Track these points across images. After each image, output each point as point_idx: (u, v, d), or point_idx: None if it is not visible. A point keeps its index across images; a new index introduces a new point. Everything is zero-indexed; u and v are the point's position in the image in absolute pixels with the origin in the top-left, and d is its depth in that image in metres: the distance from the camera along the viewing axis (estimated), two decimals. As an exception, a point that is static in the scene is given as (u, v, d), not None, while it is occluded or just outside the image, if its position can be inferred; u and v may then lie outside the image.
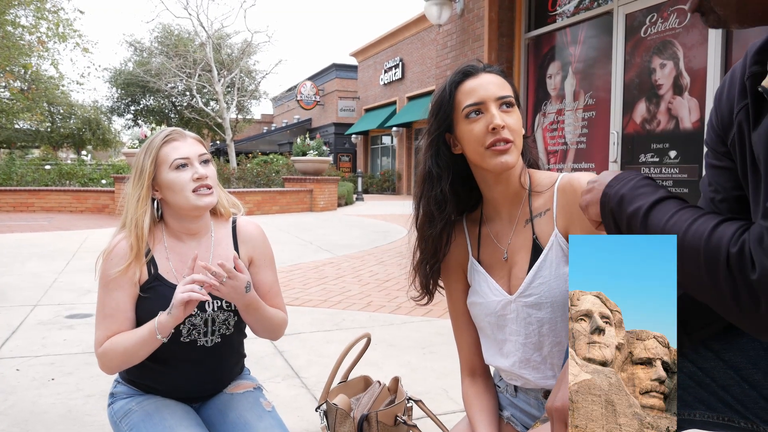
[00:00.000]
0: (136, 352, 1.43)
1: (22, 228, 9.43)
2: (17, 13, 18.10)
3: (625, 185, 0.95)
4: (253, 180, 14.86)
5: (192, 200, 1.48)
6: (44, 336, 3.46)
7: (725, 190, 0.94)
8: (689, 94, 4.63)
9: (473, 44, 6.74)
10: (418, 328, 3.69)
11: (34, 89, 21.45)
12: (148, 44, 27.03)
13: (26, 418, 2.33)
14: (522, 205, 1.31)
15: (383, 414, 1.48)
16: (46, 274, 5.46)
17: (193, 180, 1.48)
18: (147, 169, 1.48)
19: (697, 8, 0.81)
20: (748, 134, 0.84)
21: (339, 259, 6.51)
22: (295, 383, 2.74)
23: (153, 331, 1.39)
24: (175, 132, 1.53)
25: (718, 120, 0.95)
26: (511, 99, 1.25)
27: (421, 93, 23.03)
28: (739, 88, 0.88)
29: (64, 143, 29.28)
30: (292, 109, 34.37)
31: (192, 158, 1.50)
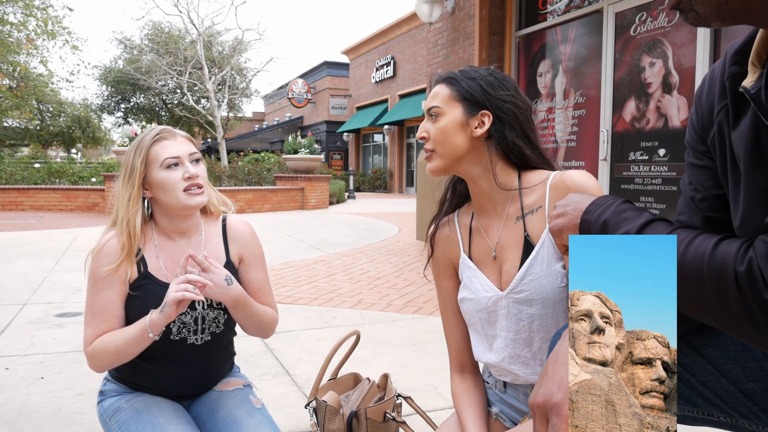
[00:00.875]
0: (126, 350, 1.43)
1: (11, 227, 9.36)
2: (5, 9, 17.93)
3: (607, 210, 0.94)
4: (244, 178, 14.83)
5: (183, 199, 1.48)
6: (33, 335, 3.44)
7: (705, 188, 0.95)
8: (678, 92, 4.66)
9: (464, 42, 6.76)
10: (408, 325, 3.70)
11: (23, 87, 21.29)
12: (138, 42, 26.86)
13: (15, 418, 2.32)
14: (511, 203, 1.32)
15: (372, 411, 1.48)
16: (35, 273, 5.43)
17: (184, 179, 1.47)
18: (137, 168, 1.47)
19: (675, 5, 0.81)
20: (728, 133, 0.85)
21: (330, 257, 6.51)
22: (285, 381, 2.74)
23: (144, 329, 1.39)
24: (165, 131, 1.52)
25: (698, 119, 0.96)
26: (435, 110, 1.33)
27: (412, 91, 23.04)
28: (719, 88, 0.89)
29: (54, 141, 29.10)
30: (284, 107, 34.30)
31: (183, 157, 1.49)
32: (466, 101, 1.30)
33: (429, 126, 1.33)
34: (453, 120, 1.30)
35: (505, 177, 1.32)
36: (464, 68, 1.36)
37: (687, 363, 1.03)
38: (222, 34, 24.92)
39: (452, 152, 1.31)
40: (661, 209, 4.82)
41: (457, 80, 1.32)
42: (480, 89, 1.30)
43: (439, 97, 1.33)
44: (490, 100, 1.29)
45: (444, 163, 1.33)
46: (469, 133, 1.30)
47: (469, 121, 1.30)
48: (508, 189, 1.32)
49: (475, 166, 1.32)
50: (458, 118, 1.30)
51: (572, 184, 1.22)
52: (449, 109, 1.31)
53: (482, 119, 1.29)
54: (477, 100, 1.30)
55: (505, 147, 1.30)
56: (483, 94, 1.30)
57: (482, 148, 1.31)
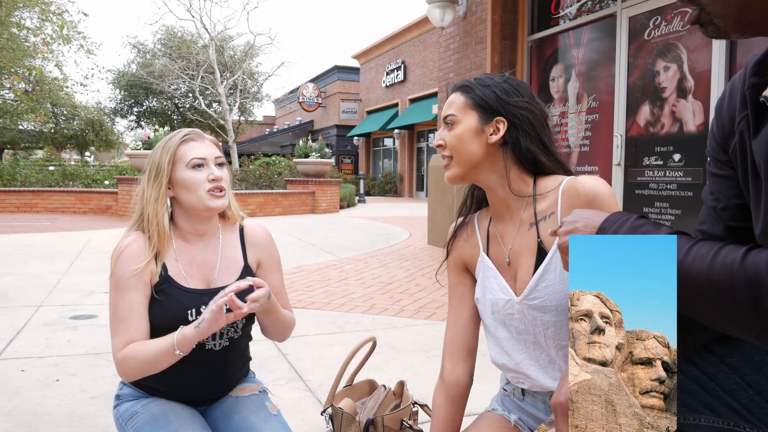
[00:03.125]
0: (155, 362, 1.40)
1: (26, 228, 9.45)
2: (22, 15, 18.16)
3: (622, 226, 0.93)
4: (255, 182, 14.88)
5: (205, 200, 1.49)
6: (48, 337, 3.46)
7: (727, 198, 0.95)
8: (693, 97, 4.63)
9: (476, 47, 6.75)
10: (421, 331, 3.69)
11: (38, 90, 21.50)
12: (151, 46, 27.09)
13: (30, 420, 2.33)
14: (525, 209, 1.32)
15: (389, 418, 1.48)
16: (49, 274, 5.47)
17: (209, 180, 1.49)
18: (165, 168, 1.49)
19: (696, 20, 0.82)
20: (749, 142, 0.85)
21: (341, 262, 6.51)
22: (299, 386, 2.74)
23: (172, 344, 1.37)
24: (194, 132, 1.55)
25: (719, 129, 0.96)
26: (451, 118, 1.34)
27: (423, 95, 23.04)
28: (739, 98, 0.90)
29: (68, 144, 29.34)
30: (295, 111, 34.40)
31: (208, 159, 1.51)
32: (480, 108, 1.31)
33: (445, 134, 1.34)
34: (468, 127, 1.31)
35: (520, 183, 1.32)
36: (479, 76, 1.37)
37: (712, 372, 1.02)
38: (234, 39, 25.09)
39: (468, 159, 1.32)
40: (676, 215, 4.78)
41: (472, 88, 1.33)
42: (494, 96, 1.31)
43: (454, 105, 1.34)
44: (504, 106, 1.30)
45: (461, 171, 1.34)
46: (485, 140, 1.30)
47: (484, 128, 1.30)
48: (522, 196, 1.32)
49: (491, 173, 1.33)
50: (473, 125, 1.31)
51: (583, 190, 1.22)
52: (464, 116, 1.32)
53: (497, 126, 1.30)
54: (491, 107, 1.30)
55: (519, 153, 1.30)
56: (497, 101, 1.30)
57: (497, 155, 1.31)
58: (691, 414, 1.02)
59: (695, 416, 1.03)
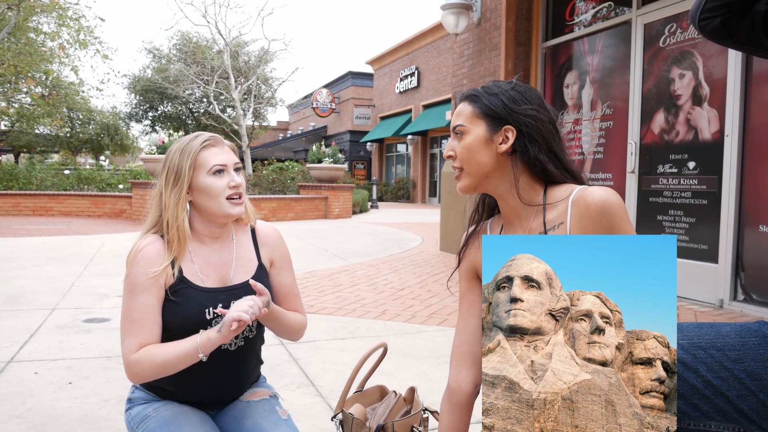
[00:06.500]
0: (174, 365, 1.42)
1: (41, 232, 9.55)
2: (39, 20, 18.42)
3: None
4: (268, 187, 14.95)
5: (225, 207, 1.50)
6: (62, 340, 3.49)
7: None
8: (708, 104, 4.59)
9: (490, 53, 6.74)
10: (432, 337, 3.68)
11: (54, 95, 21.78)
12: (166, 51, 27.36)
13: (43, 422, 2.35)
14: (535, 218, 1.31)
15: (399, 425, 1.47)
16: (63, 278, 5.52)
17: (229, 187, 1.50)
18: (186, 173, 1.49)
19: None
20: None
21: (354, 267, 6.52)
22: (310, 391, 2.74)
23: (195, 347, 1.39)
24: (214, 138, 1.55)
25: None
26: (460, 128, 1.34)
27: (436, 101, 23.06)
28: None
29: (83, 148, 29.67)
30: (308, 116, 34.55)
31: (229, 165, 1.53)
32: (488, 117, 1.30)
33: (455, 144, 1.34)
34: (477, 137, 1.31)
35: (530, 192, 1.31)
36: (487, 84, 1.36)
37: (723, 377, 1.02)
38: (248, 45, 25.26)
39: (479, 169, 1.31)
40: (690, 223, 4.74)
41: (479, 97, 1.33)
42: (501, 104, 1.30)
43: (462, 115, 1.34)
44: (512, 114, 1.29)
45: (472, 182, 1.34)
46: (494, 150, 1.30)
47: (493, 138, 1.30)
48: (532, 204, 1.31)
49: (502, 182, 1.32)
50: (482, 135, 1.30)
51: (593, 201, 1.20)
52: (473, 126, 1.32)
53: (506, 134, 1.29)
54: (499, 116, 1.30)
55: (529, 162, 1.30)
56: (505, 109, 1.29)
57: (507, 164, 1.31)
58: (702, 420, 1.02)
59: (707, 422, 1.02)
